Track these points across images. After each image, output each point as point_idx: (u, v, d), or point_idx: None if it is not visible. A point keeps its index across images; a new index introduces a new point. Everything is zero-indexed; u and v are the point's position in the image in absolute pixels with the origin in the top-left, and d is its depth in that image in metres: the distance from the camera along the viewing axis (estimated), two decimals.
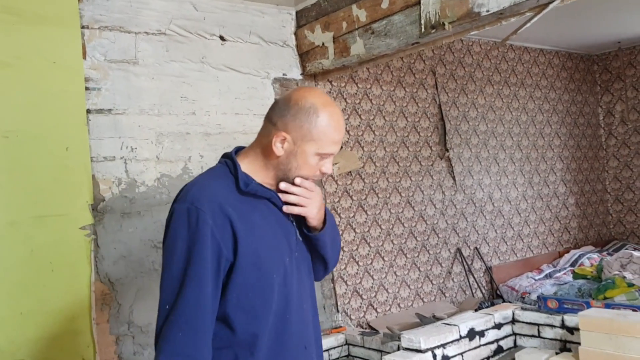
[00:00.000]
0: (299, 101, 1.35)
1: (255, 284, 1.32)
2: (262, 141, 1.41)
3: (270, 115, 1.40)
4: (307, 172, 1.38)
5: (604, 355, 2.29)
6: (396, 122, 3.90)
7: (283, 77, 3.26)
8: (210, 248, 1.26)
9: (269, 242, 1.35)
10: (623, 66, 5.62)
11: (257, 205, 1.36)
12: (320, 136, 1.34)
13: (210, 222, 1.26)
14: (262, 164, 1.39)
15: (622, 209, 5.72)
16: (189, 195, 1.31)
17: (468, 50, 4.51)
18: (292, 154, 1.35)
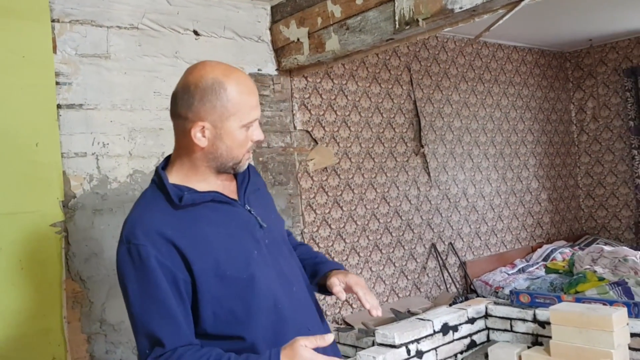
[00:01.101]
0: (198, 83, 1.25)
1: (227, 292, 1.25)
2: (180, 141, 1.32)
3: (175, 110, 1.31)
4: (238, 150, 1.30)
5: (574, 348, 2.33)
6: (372, 118, 3.91)
7: (258, 72, 3.24)
8: (164, 277, 1.20)
9: (225, 245, 1.27)
10: (594, 63, 5.71)
11: (201, 212, 1.27)
12: (237, 107, 1.25)
13: (153, 252, 1.20)
14: (190, 165, 1.31)
15: (593, 204, 5.84)
16: (124, 233, 1.25)
17: (443, 47, 4.54)
18: (217, 138, 1.26)
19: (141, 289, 1.20)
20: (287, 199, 3.31)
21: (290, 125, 3.39)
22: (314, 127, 3.55)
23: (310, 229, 3.46)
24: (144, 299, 1.20)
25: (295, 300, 1.36)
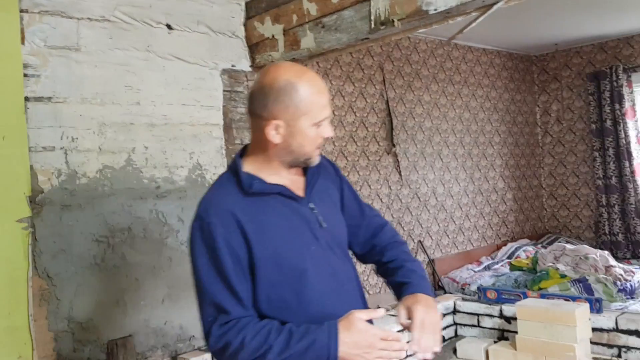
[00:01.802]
0: (273, 84, 1.32)
1: (281, 280, 1.34)
2: (256, 137, 1.40)
3: (252, 109, 1.39)
4: (310, 147, 1.38)
5: (539, 342, 2.41)
6: (345, 117, 3.93)
7: (232, 68, 3.22)
8: (229, 255, 1.30)
9: (286, 236, 1.35)
10: (559, 67, 5.87)
11: (269, 203, 1.36)
12: (309, 107, 1.33)
13: (221, 231, 1.30)
14: (264, 158, 1.40)
15: (555, 203, 6.00)
16: (199, 211, 1.36)
17: (415, 48, 4.59)
18: (290, 136, 1.34)
19: (209, 262, 1.30)
20: None
21: None
22: None
23: None
24: (210, 271, 1.30)
25: (343, 300, 1.41)
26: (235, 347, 1.26)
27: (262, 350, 1.25)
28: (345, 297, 1.43)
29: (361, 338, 1.24)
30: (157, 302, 2.80)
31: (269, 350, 1.24)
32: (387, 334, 1.26)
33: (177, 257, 2.89)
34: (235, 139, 3.21)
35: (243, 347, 1.25)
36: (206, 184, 3.04)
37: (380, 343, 1.24)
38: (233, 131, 3.20)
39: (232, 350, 1.26)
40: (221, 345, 1.28)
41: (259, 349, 1.25)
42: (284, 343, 1.25)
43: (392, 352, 1.25)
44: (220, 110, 3.16)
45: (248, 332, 1.26)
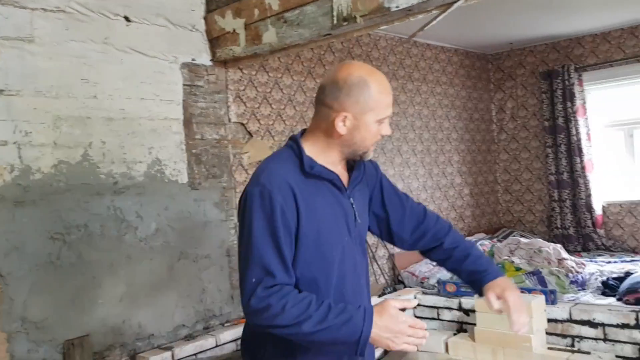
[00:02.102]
0: (347, 79, 1.43)
1: (316, 259, 1.43)
2: (320, 125, 1.49)
3: (322, 99, 1.48)
4: (370, 141, 1.48)
5: (496, 334, 2.47)
6: (307, 113, 3.93)
7: (192, 62, 3.18)
8: (283, 224, 1.38)
9: (329, 222, 1.45)
10: (514, 66, 6.02)
11: (320, 187, 1.46)
12: (376, 104, 1.43)
13: (280, 200, 1.38)
14: (324, 146, 1.49)
15: (510, 199, 6.16)
16: (261, 178, 1.42)
17: (375, 45, 4.63)
18: (355, 129, 1.44)
19: (265, 226, 1.37)
20: (221, 192, 3.27)
21: (224, 117, 3.35)
22: (249, 120, 3.53)
23: None
24: (265, 235, 1.37)
25: (356, 292, 1.54)
26: (276, 311, 1.32)
27: (301, 319, 1.32)
28: (358, 290, 1.54)
29: (392, 323, 1.33)
30: (115, 301, 2.75)
31: (308, 319, 1.32)
32: (416, 322, 1.35)
33: (136, 254, 2.84)
34: (196, 134, 3.17)
35: (283, 312, 1.32)
36: (166, 180, 3.00)
37: (408, 330, 1.34)
38: (193, 126, 3.16)
39: (272, 313, 1.33)
40: (262, 306, 1.34)
41: (298, 316, 1.32)
42: (322, 315, 1.32)
43: (417, 339, 1.35)
44: (180, 104, 3.11)
45: (290, 299, 1.33)
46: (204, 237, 3.12)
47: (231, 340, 2.97)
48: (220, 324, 3.14)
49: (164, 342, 2.90)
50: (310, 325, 1.32)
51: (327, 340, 1.34)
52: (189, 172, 3.11)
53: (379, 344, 1.35)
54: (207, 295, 3.12)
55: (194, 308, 3.05)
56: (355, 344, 1.33)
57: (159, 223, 2.95)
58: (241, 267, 1.41)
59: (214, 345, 2.90)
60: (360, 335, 1.32)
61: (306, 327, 1.32)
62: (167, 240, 2.97)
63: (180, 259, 3.02)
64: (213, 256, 3.17)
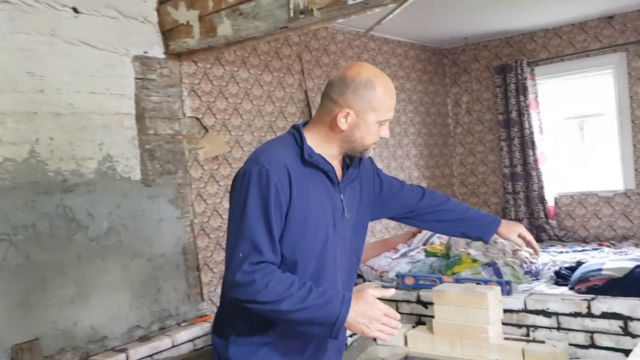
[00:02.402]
0: (355, 77, 1.49)
1: (299, 244, 1.47)
2: (324, 118, 1.54)
3: (329, 94, 1.53)
4: (369, 140, 1.54)
5: (454, 325, 2.50)
6: (264, 107, 3.88)
7: (144, 55, 3.09)
8: (276, 205, 1.42)
9: (317, 211, 1.50)
10: (469, 60, 6.11)
11: (314, 177, 1.51)
12: (379, 105, 1.49)
13: (276, 180, 1.42)
14: (324, 139, 1.54)
15: (466, 191, 6.27)
16: (260, 158, 1.46)
17: (332, 39, 4.61)
18: (355, 126, 1.51)
19: (258, 204, 1.41)
20: (176, 188, 3.20)
21: (179, 111, 3.27)
22: (205, 114, 3.46)
23: (200, 219, 3.37)
24: (258, 213, 1.41)
25: (332, 286, 1.55)
26: (259, 287, 1.37)
27: (282, 297, 1.36)
28: (332, 284, 1.57)
29: (368, 309, 1.38)
30: (66, 302, 2.66)
31: (289, 298, 1.36)
32: (390, 312, 1.41)
33: (87, 254, 2.74)
34: (149, 129, 3.08)
35: (266, 289, 1.36)
36: (117, 177, 2.91)
37: (383, 317, 1.39)
38: (146, 120, 3.07)
39: (255, 288, 1.37)
40: (247, 281, 1.38)
41: (280, 294, 1.36)
42: (303, 296, 1.37)
43: (390, 328, 1.40)
44: (132, 98, 3.02)
45: (273, 278, 1.38)
46: (158, 235, 3.05)
47: (188, 340, 2.92)
48: (177, 324, 3.08)
49: (118, 344, 2.82)
50: (290, 304, 1.36)
51: (304, 320, 1.39)
52: (142, 169, 3.02)
53: (354, 328, 1.39)
54: (162, 294, 3.05)
55: (149, 308, 2.97)
56: (331, 326, 1.37)
57: (111, 222, 2.86)
58: (230, 242, 1.44)
59: (170, 346, 2.84)
60: (337, 319, 1.36)
61: (285, 306, 1.36)
62: (119, 239, 2.88)
63: (134, 258, 2.93)
64: (168, 255, 3.10)
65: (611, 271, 3.81)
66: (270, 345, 1.52)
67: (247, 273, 1.38)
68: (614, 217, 5.42)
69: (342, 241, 1.59)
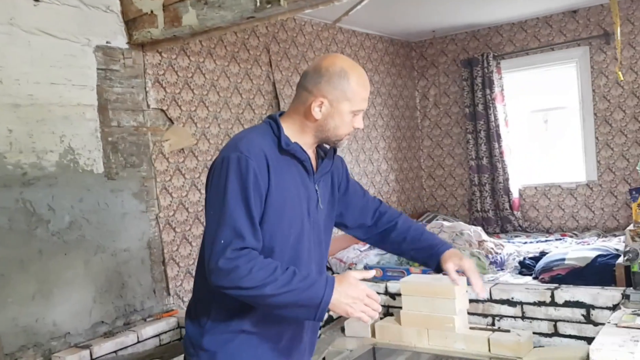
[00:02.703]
0: (329, 67, 1.51)
1: (276, 231, 1.48)
2: (298, 108, 1.55)
3: (303, 84, 1.55)
4: (343, 130, 1.55)
5: (421, 316, 2.52)
6: (231, 99, 3.84)
7: (107, 45, 3.01)
8: (256, 190, 1.42)
9: (293, 200, 1.50)
10: (437, 54, 6.16)
11: (290, 166, 1.52)
12: (353, 95, 1.51)
13: (255, 166, 1.43)
14: (299, 129, 1.55)
15: (434, 184, 6.33)
16: (239, 145, 1.46)
17: (301, 30, 4.58)
18: (329, 115, 1.52)
19: (238, 190, 1.41)
20: (141, 182, 3.14)
21: (143, 103, 3.21)
22: (170, 106, 3.40)
23: (165, 213, 3.32)
24: (238, 199, 1.41)
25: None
26: (242, 273, 1.36)
27: (266, 281, 1.37)
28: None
29: (351, 290, 1.40)
30: (27, 299, 2.59)
31: (273, 282, 1.37)
32: (372, 293, 1.43)
33: (48, 249, 2.67)
34: (112, 121, 3.01)
35: (250, 274, 1.36)
36: (80, 170, 2.84)
37: (365, 298, 1.41)
38: (109, 112, 3.00)
39: (238, 274, 1.37)
40: (230, 267, 1.37)
41: (264, 279, 1.37)
42: (287, 279, 1.38)
43: (371, 310, 1.42)
44: (94, 89, 2.95)
45: (257, 263, 1.38)
46: (122, 229, 2.99)
47: (154, 336, 2.87)
48: (142, 319, 3.03)
49: (81, 341, 2.76)
50: (274, 288, 1.37)
51: (288, 303, 1.39)
52: (105, 162, 2.95)
53: (337, 309, 1.42)
54: (127, 290, 2.99)
55: (113, 304, 2.92)
56: (315, 308, 1.39)
57: (73, 216, 2.79)
58: (210, 229, 1.44)
59: (135, 342, 2.79)
60: (322, 300, 1.38)
61: (270, 290, 1.37)
62: (82, 233, 2.81)
63: (97, 253, 2.87)
64: (133, 249, 3.04)
65: (574, 261, 3.90)
66: (246, 333, 1.52)
67: (230, 259, 1.37)
68: (576, 208, 5.55)
69: (315, 232, 1.60)
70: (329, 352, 2.60)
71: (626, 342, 1.83)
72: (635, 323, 1.99)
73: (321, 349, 2.60)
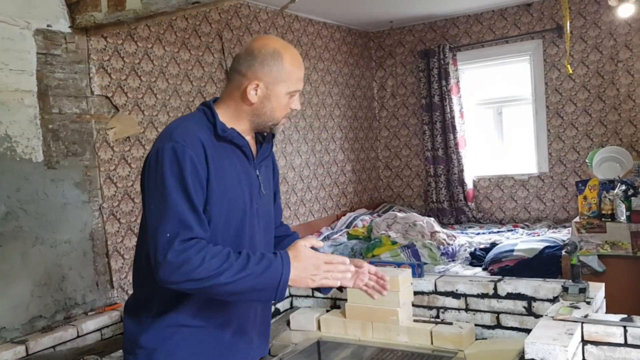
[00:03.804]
0: (262, 49, 1.48)
1: (219, 221, 1.44)
2: (233, 93, 1.52)
3: (236, 67, 1.51)
4: (280, 113, 1.52)
5: (365, 309, 2.52)
6: (180, 86, 3.74)
7: (48, 28, 2.88)
8: (196, 178, 1.38)
9: (234, 187, 1.47)
10: (394, 44, 6.16)
11: (229, 153, 1.48)
12: (288, 76, 1.49)
13: (192, 154, 1.38)
14: (235, 114, 1.52)
15: (390, 174, 6.36)
16: (174, 134, 1.42)
17: (255, 17, 4.50)
18: (265, 98, 1.49)
19: (178, 181, 1.37)
20: (83, 171, 3.03)
21: (86, 89, 3.09)
22: (115, 92, 3.29)
23: (110, 203, 3.22)
24: (178, 190, 1.36)
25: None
26: (195, 264, 1.31)
27: (221, 269, 1.32)
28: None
29: (308, 263, 1.39)
30: None
31: (228, 269, 1.32)
32: (332, 258, 1.43)
33: None
34: (53, 108, 2.90)
35: (202, 264, 1.31)
36: (17, 158, 2.72)
37: (324, 266, 1.40)
38: (49, 99, 2.88)
39: (191, 266, 1.31)
40: (180, 260, 1.32)
41: (218, 267, 1.32)
42: (242, 264, 1.34)
43: (338, 273, 1.42)
44: (34, 75, 2.82)
45: (208, 252, 1.33)
46: (63, 220, 2.88)
47: (95, 330, 2.79)
48: (84, 313, 2.94)
49: (17, 335, 2.66)
50: (230, 275, 1.32)
51: (246, 288, 1.35)
52: (44, 150, 2.84)
53: (299, 284, 1.40)
54: (67, 282, 2.89)
55: (52, 297, 2.82)
56: (274, 289, 1.36)
57: (9, 206, 2.67)
58: (153, 223, 1.38)
59: (75, 336, 2.70)
60: (280, 279, 1.36)
61: (225, 278, 1.32)
62: (19, 224, 2.70)
63: (35, 244, 2.76)
64: (74, 241, 2.94)
65: (522, 252, 3.98)
66: (187, 327, 1.47)
67: (179, 252, 1.32)
68: (528, 199, 5.66)
69: (260, 218, 1.57)
70: (274, 345, 2.57)
71: (560, 335, 1.85)
72: (572, 316, 2.03)
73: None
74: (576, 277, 2.32)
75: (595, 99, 5.23)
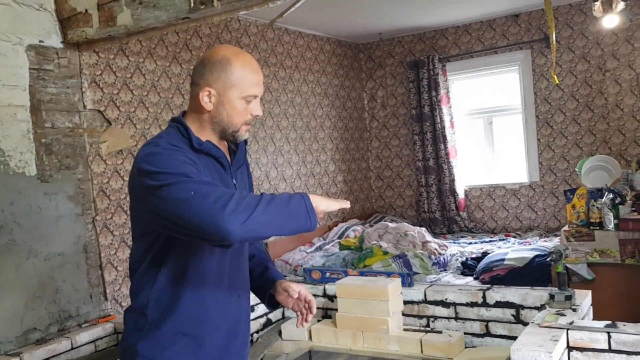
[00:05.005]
0: (211, 57, 1.52)
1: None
2: (193, 104, 1.55)
3: (192, 79, 1.56)
4: (237, 119, 1.53)
5: (356, 318, 2.55)
6: (172, 100, 3.78)
7: (40, 44, 2.92)
8: (185, 157, 1.41)
9: None
10: (384, 56, 6.23)
11: (208, 164, 1.51)
12: (238, 81, 1.50)
13: (181, 150, 1.43)
14: (199, 125, 1.54)
15: (382, 184, 6.41)
16: (156, 140, 1.46)
17: (245, 31, 4.56)
18: (220, 104, 1.51)
19: (178, 160, 1.39)
20: (76, 184, 3.05)
21: (79, 104, 3.12)
22: (107, 106, 3.32)
23: (103, 216, 3.24)
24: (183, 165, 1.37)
25: (233, 272, 1.59)
26: (240, 198, 1.30)
27: (258, 198, 1.33)
28: (235, 269, 1.60)
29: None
30: None
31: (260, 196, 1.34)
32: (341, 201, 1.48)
33: None
34: (45, 122, 2.93)
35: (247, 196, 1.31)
36: (10, 172, 2.75)
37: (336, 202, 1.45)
38: (42, 113, 2.91)
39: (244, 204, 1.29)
40: (233, 206, 1.28)
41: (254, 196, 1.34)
42: (269, 195, 1.36)
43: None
44: (27, 90, 2.86)
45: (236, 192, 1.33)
46: (56, 233, 2.90)
47: (89, 342, 2.80)
48: (78, 325, 2.95)
49: (12, 348, 2.67)
50: (266, 199, 1.33)
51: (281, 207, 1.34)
52: (37, 164, 2.86)
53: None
54: (61, 295, 2.91)
55: (46, 309, 2.83)
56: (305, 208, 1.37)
57: (3, 219, 2.69)
58: (177, 201, 1.31)
59: (69, 348, 2.72)
60: (304, 199, 1.38)
61: (265, 200, 1.33)
62: (13, 237, 2.72)
63: (29, 257, 2.78)
64: (68, 253, 2.96)
65: (513, 261, 4.02)
66: (186, 336, 1.49)
67: (225, 200, 1.28)
68: (520, 208, 5.71)
69: None
70: (266, 355, 2.59)
71: (546, 342, 1.89)
72: (557, 323, 2.07)
73: (258, 352, 2.60)
74: (562, 285, 2.36)
75: (584, 108, 5.30)
